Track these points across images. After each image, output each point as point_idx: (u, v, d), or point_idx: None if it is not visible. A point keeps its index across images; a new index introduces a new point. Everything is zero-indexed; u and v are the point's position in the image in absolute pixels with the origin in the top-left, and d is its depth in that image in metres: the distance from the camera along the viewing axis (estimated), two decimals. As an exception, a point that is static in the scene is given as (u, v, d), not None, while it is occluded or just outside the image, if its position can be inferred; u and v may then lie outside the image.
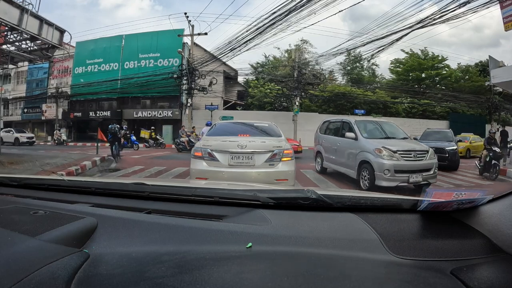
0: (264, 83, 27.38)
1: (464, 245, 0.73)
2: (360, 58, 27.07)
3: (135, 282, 0.58)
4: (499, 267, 0.66)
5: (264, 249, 0.70)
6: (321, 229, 0.82)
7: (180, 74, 21.88)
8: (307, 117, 22.46)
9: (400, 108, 26.43)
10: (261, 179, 4.07)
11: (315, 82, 23.84)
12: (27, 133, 24.22)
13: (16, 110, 29.94)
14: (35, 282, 0.53)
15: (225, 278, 0.59)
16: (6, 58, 11.04)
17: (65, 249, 0.64)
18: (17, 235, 0.66)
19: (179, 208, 0.99)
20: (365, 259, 0.68)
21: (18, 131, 23.60)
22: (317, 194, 0.94)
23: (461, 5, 12.05)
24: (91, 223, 0.77)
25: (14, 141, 22.14)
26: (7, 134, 22.61)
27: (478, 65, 30.82)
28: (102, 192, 1.14)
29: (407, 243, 0.74)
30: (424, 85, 30.86)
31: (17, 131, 23.54)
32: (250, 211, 0.92)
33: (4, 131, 23.10)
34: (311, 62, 26.38)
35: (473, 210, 0.78)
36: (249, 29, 17.26)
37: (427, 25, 14.10)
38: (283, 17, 15.36)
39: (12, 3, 8.84)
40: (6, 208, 0.88)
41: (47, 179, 1.33)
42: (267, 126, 5.27)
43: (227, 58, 20.45)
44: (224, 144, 4.34)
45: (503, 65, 12.03)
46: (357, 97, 26.05)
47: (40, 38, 9.95)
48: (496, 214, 0.73)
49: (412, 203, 0.89)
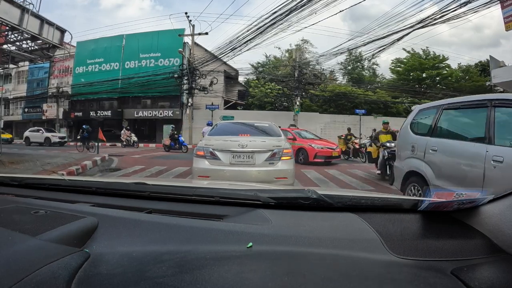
0: (264, 83, 27.37)
1: (464, 245, 0.73)
2: (361, 57, 27.08)
3: (135, 282, 0.58)
4: (500, 267, 0.66)
5: (264, 249, 0.71)
6: (322, 229, 0.82)
7: (180, 73, 21.87)
8: (307, 117, 22.47)
9: (400, 108, 26.39)
10: (261, 177, 4.16)
11: (315, 82, 23.81)
12: (57, 133, 22.85)
13: (16, 109, 29.99)
14: (35, 282, 0.53)
15: (225, 277, 0.59)
16: (6, 57, 11.06)
17: (65, 248, 0.64)
18: (17, 235, 0.66)
19: (179, 207, 0.99)
20: (365, 259, 0.68)
21: (47, 130, 22.02)
22: (318, 194, 0.94)
23: (462, 5, 12.05)
24: (92, 222, 0.77)
25: (45, 141, 20.50)
26: (36, 134, 21.21)
27: (479, 65, 30.78)
28: (103, 192, 1.14)
29: (408, 243, 0.74)
30: (425, 85, 30.82)
31: (47, 130, 21.96)
32: (250, 211, 0.93)
33: (30, 130, 22.07)
34: (312, 61, 26.38)
35: (473, 210, 0.78)
36: (250, 29, 17.31)
37: (428, 25, 14.10)
38: (283, 17, 15.38)
39: (13, 3, 8.84)
40: (7, 208, 0.89)
41: (48, 179, 1.33)
42: (267, 126, 5.35)
43: (228, 58, 20.49)
44: (226, 143, 4.42)
45: (504, 65, 12.02)
46: (358, 97, 26.01)
47: (41, 38, 9.95)
48: (497, 214, 0.73)
49: (412, 203, 0.89)
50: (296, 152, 10.23)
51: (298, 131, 12.42)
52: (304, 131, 12.92)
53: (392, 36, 15.73)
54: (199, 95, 22.16)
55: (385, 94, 27.24)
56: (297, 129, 12.89)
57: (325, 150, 10.72)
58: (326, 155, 10.67)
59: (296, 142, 10.97)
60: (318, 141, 11.47)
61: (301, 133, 12.11)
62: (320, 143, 11.25)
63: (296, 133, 11.79)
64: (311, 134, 12.91)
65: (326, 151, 10.72)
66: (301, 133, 12.11)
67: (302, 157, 10.70)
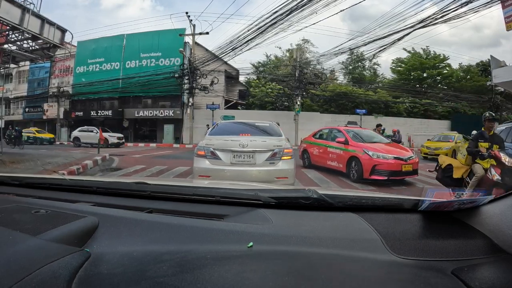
0: (265, 82, 27.38)
1: (465, 245, 0.73)
2: (362, 57, 27.06)
3: (136, 281, 0.58)
4: (500, 267, 0.66)
5: (265, 249, 0.71)
6: (322, 228, 0.82)
7: (181, 73, 21.90)
8: (308, 117, 22.46)
9: (401, 108, 26.37)
10: (262, 177, 4.17)
11: (316, 81, 23.83)
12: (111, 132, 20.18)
13: (17, 109, 30.03)
14: (36, 281, 0.53)
15: (226, 277, 0.59)
16: (7, 57, 11.09)
17: (66, 248, 0.64)
18: (18, 234, 0.66)
19: (180, 207, 0.99)
20: (366, 259, 0.68)
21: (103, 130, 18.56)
22: (318, 194, 0.94)
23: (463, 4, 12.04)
24: (92, 222, 0.78)
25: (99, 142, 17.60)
26: (88, 134, 19.24)
27: (480, 64, 30.75)
28: (104, 191, 1.14)
29: (408, 243, 0.74)
30: (426, 85, 30.81)
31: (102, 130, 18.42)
32: (251, 211, 0.93)
33: (80, 130, 20.45)
34: (313, 61, 26.38)
35: (474, 210, 0.78)
36: (251, 29, 17.32)
37: (429, 25, 14.09)
38: (284, 17, 15.37)
39: (14, 3, 8.85)
40: (8, 207, 0.89)
41: (49, 178, 1.34)
42: (268, 126, 5.36)
43: (229, 58, 20.53)
44: (226, 143, 4.44)
45: (505, 65, 12.00)
46: (359, 96, 26.00)
47: (42, 38, 9.96)
48: (497, 214, 0.73)
49: (413, 203, 0.88)
50: (347, 162, 7.36)
51: (354, 130, 8.32)
52: (366, 130, 9.07)
53: (393, 36, 15.76)
54: (200, 94, 22.18)
55: (386, 94, 27.23)
56: (354, 128, 8.72)
57: (390, 162, 6.75)
58: (391, 169, 6.70)
59: (349, 147, 7.47)
60: (381, 147, 7.40)
61: (360, 134, 8.12)
62: (382, 149, 7.22)
63: (350, 134, 7.90)
64: (376, 134, 8.85)
65: (391, 164, 6.74)
66: (360, 134, 8.12)
67: (355, 171, 7.09)
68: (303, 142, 10.23)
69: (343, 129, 8.38)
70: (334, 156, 7.99)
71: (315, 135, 9.55)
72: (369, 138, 8.00)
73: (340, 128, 8.51)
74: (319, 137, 9.26)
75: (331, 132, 8.79)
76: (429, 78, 31.00)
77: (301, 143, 10.85)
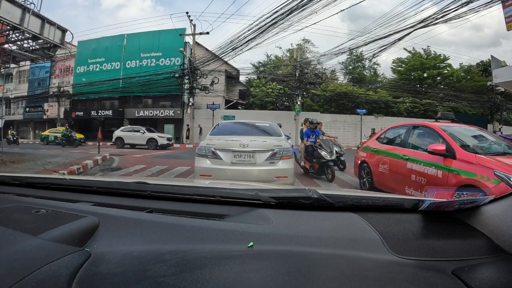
0: (265, 82, 27.36)
1: (465, 245, 0.73)
2: (362, 57, 27.05)
3: (136, 281, 0.58)
4: (501, 267, 0.66)
5: (265, 249, 0.71)
6: (323, 228, 0.82)
7: (182, 73, 21.91)
8: (308, 117, 22.38)
9: (401, 108, 26.36)
10: (262, 176, 4.20)
11: (316, 81, 23.81)
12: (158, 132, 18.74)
13: (18, 109, 30.07)
14: (36, 281, 0.53)
15: (226, 277, 0.59)
16: (8, 57, 11.08)
17: (66, 248, 0.64)
18: (18, 234, 0.67)
19: (180, 207, 0.99)
20: (366, 259, 0.68)
21: (149, 130, 18.19)
22: (319, 194, 0.94)
23: (463, 4, 12.04)
24: (93, 222, 0.78)
25: (147, 143, 17.02)
26: (134, 134, 17.61)
27: (480, 64, 30.74)
28: (104, 191, 1.14)
29: (409, 243, 0.74)
30: (426, 85, 30.78)
31: (149, 130, 18.17)
32: (251, 211, 0.93)
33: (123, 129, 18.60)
34: (313, 61, 26.37)
35: (474, 210, 0.78)
36: (251, 28, 17.32)
37: (429, 25, 14.09)
38: (284, 17, 15.38)
39: (14, 3, 8.85)
40: (8, 207, 0.89)
41: (49, 178, 1.34)
42: (268, 125, 5.40)
43: (229, 58, 20.51)
44: (227, 143, 4.46)
45: (505, 65, 11.99)
46: (359, 96, 25.97)
47: (42, 38, 9.96)
48: (498, 214, 0.73)
49: (413, 203, 0.88)
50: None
51: (460, 129, 4.34)
52: (478, 129, 4.55)
53: (393, 36, 15.76)
54: (200, 94, 22.19)
55: (386, 93, 27.21)
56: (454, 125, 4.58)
57: None
58: None
59: (456, 164, 3.56)
60: None
61: (473, 136, 4.32)
62: None
63: (455, 137, 3.93)
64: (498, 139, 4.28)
65: None
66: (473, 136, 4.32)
67: None
68: (361, 150, 6.25)
69: (439, 127, 4.29)
70: (423, 180, 4.05)
71: (381, 138, 5.71)
72: (486, 143, 4.13)
73: (434, 126, 4.36)
74: (390, 142, 5.36)
75: (413, 131, 4.87)
76: (429, 78, 30.97)
77: (357, 152, 6.46)
